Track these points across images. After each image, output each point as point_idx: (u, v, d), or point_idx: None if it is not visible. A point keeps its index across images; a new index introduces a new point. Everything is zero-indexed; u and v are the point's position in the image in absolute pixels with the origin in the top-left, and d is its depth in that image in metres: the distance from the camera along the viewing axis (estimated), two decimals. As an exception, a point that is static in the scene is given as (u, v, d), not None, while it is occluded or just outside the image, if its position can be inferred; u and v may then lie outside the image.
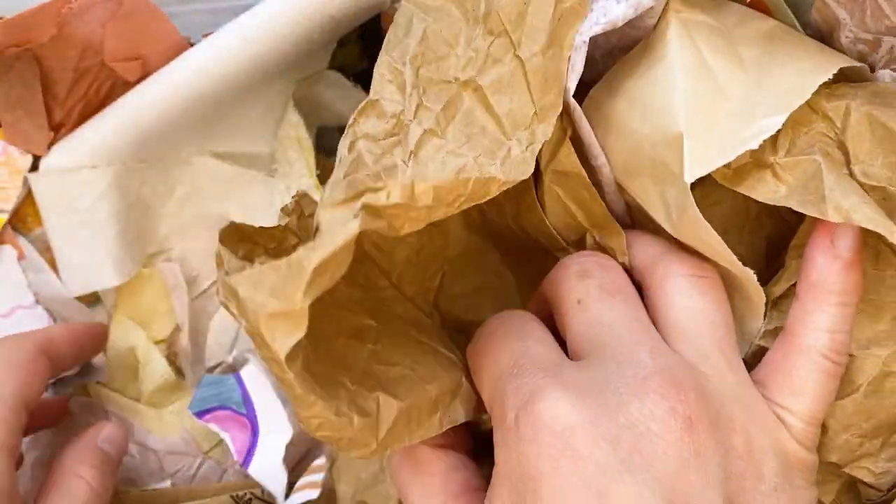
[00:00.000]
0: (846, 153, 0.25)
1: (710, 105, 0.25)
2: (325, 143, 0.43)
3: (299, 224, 0.28)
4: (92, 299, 0.41)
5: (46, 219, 0.38)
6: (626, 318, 0.25)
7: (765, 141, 0.24)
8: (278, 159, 0.42)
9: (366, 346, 0.26)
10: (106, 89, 0.37)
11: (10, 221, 0.39)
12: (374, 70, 0.28)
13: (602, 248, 0.28)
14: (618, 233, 0.28)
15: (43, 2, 0.33)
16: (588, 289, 0.26)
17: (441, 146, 0.26)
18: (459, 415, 0.26)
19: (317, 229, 0.23)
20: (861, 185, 0.24)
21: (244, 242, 0.26)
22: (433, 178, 0.24)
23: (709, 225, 0.24)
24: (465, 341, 0.28)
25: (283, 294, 0.21)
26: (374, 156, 0.26)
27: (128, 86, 0.36)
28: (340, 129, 0.43)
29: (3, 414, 0.31)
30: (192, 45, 0.36)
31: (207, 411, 0.39)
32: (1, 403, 0.32)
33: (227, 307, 0.23)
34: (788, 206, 0.25)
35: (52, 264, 0.40)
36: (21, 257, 0.39)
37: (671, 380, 0.22)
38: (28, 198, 0.39)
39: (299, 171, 0.41)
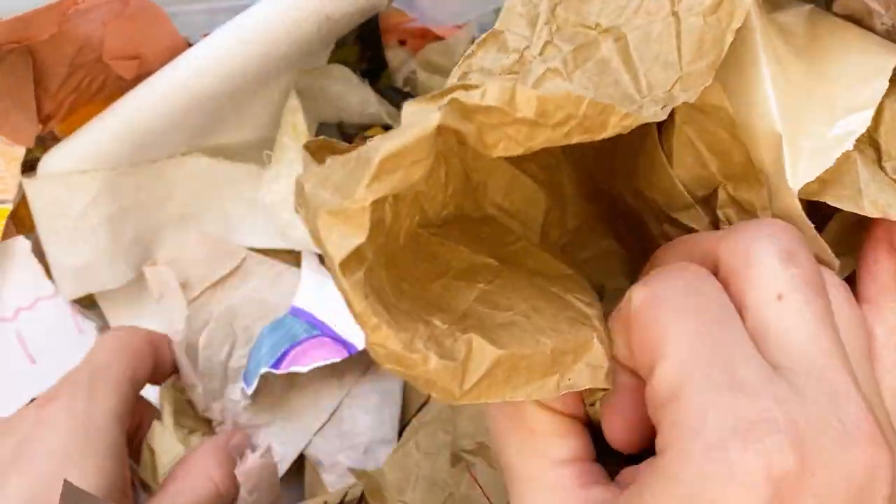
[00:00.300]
0: (878, 149, 0.24)
1: (792, 99, 0.24)
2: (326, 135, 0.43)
3: None
4: (88, 302, 0.41)
5: (39, 223, 0.38)
6: (828, 329, 0.21)
7: None
8: (275, 146, 0.41)
9: (475, 285, 0.23)
10: (98, 84, 0.37)
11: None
12: (506, 2, 0.25)
13: (738, 205, 0.25)
14: (760, 183, 0.24)
15: (50, 1, 0.33)
16: (794, 281, 0.21)
17: (557, 84, 0.22)
18: (584, 380, 0.22)
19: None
20: (894, 181, 0.24)
21: (328, 151, 0.22)
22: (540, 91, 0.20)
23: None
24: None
25: (344, 189, 0.19)
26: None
27: (122, 82, 0.36)
28: (339, 126, 0.42)
29: (117, 388, 0.33)
30: (190, 45, 0.36)
31: (281, 358, 0.38)
32: (116, 379, 0.33)
33: (297, 212, 0.20)
34: (822, 200, 0.24)
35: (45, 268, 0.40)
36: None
37: (877, 431, 0.20)
38: (24, 199, 0.39)
39: (291, 158, 0.40)
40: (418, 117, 0.19)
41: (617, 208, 0.28)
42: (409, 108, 0.20)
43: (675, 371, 0.20)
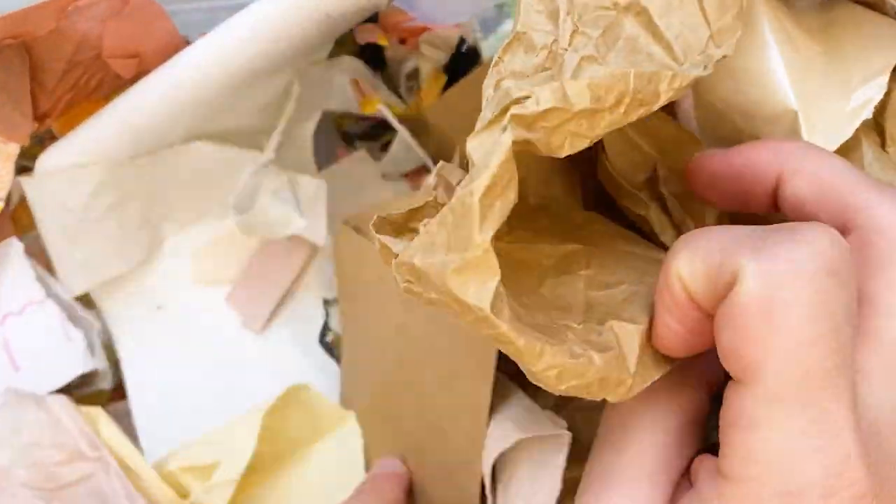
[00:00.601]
0: (882, 134, 0.25)
1: (806, 77, 0.24)
2: (348, 129, 0.43)
3: (448, 194, 0.24)
4: (85, 303, 0.40)
5: (40, 221, 0.38)
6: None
7: None
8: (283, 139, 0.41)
9: (578, 274, 0.23)
10: (96, 81, 0.36)
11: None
12: (519, 1, 0.25)
13: (678, 177, 0.25)
14: (695, 142, 0.24)
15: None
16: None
17: (594, 70, 0.22)
18: None
19: (469, 162, 0.20)
20: None
21: (399, 230, 0.23)
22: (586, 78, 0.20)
23: None
24: None
25: (459, 244, 0.19)
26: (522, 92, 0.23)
27: (120, 80, 0.36)
28: (341, 117, 0.42)
29: None
30: (188, 43, 0.36)
31: None
32: None
33: (411, 292, 0.20)
34: None
35: (47, 267, 0.39)
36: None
37: None
38: (21, 199, 0.38)
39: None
40: (489, 146, 0.19)
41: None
42: (472, 141, 0.20)
43: (765, 402, 0.18)
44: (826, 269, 0.18)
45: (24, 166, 0.37)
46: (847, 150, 0.24)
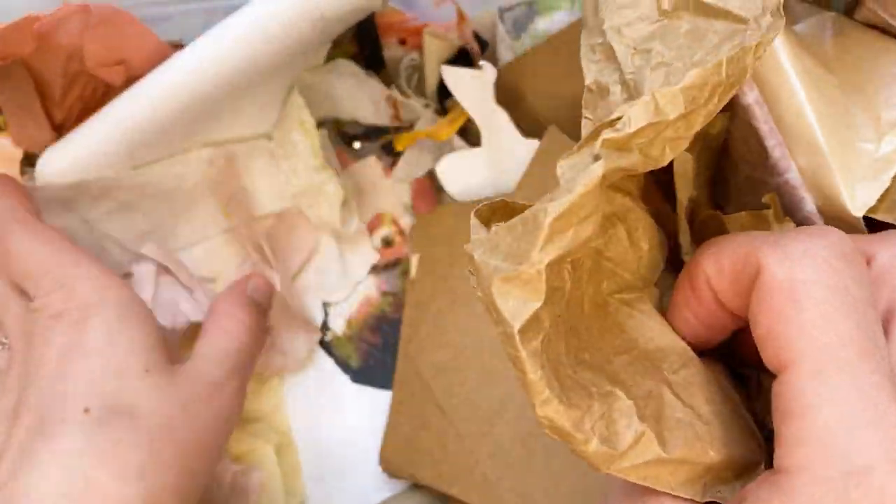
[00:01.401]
0: None
1: (831, 114, 0.24)
2: (348, 129, 0.43)
3: None
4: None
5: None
6: None
7: None
8: (279, 142, 0.41)
9: (661, 372, 0.22)
10: (102, 89, 0.37)
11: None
12: (582, 63, 0.25)
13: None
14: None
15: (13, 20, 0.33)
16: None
17: (671, 70, 0.22)
18: (734, 497, 0.22)
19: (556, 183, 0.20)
20: None
21: (497, 215, 0.22)
22: (676, 84, 0.20)
23: None
24: None
25: (517, 254, 0.19)
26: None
27: (124, 85, 0.36)
28: (339, 123, 0.42)
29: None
30: (178, 46, 0.36)
31: None
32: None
33: (471, 280, 0.20)
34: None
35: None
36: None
37: None
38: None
39: (304, 153, 0.40)
40: (577, 171, 0.19)
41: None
42: (563, 162, 0.20)
43: (810, 380, 0.19)
44: (837, 255, 0.20)
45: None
46: None
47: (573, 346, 0.21)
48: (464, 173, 0.41)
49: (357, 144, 0.44)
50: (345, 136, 0.43)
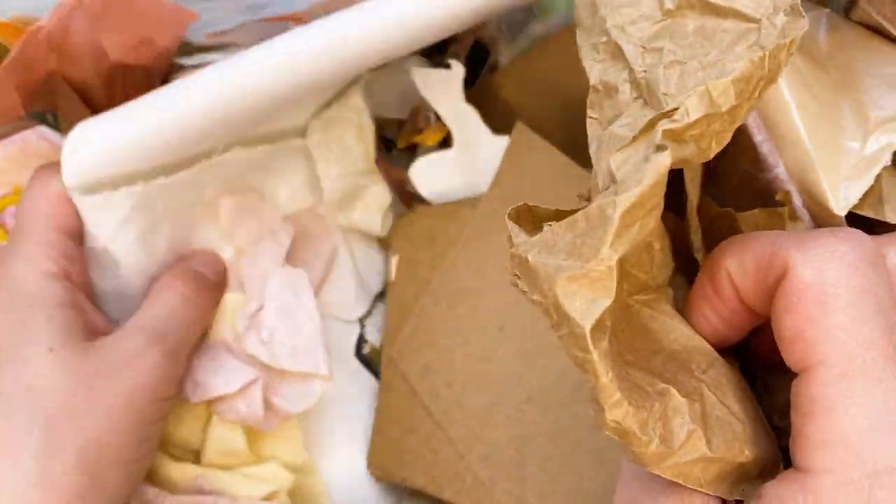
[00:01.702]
0: None
1: (819, 112, 0.24)
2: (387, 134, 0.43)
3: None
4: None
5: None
6: None
7: None
8: (322, 143, 0.39)
9: (692, 372, 0.22)
10: (142, 75, 0.36)
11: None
12: (584, 62, 0.24)
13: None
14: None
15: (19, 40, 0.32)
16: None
17: (686, 69, 0.21)
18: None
19: (611, 179, 0.19)
20: None
21: (536, 222, 0.22)
22: (728, 74, 0.20)
23: None
24: None
25: (583, 251, 0.18)
26: (627, 125, 0.22)
27: (161, 68, 0.35)
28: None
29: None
30: (188, 42, 0.34)
31: None
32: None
33: (516, 286, 0.20)
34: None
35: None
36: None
37: None
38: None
39: (356, 156, 0.40)
40: (638, 162, 0.19)
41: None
42: (617, 157, 0.20)
43: (835, 381, 0.19)
44: (864, 259, 0.20)
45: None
46: None
47: (615, 348, 0.21)
48: (437, 175, 0.41)
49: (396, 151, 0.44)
50: (385, 141, 0.43)
